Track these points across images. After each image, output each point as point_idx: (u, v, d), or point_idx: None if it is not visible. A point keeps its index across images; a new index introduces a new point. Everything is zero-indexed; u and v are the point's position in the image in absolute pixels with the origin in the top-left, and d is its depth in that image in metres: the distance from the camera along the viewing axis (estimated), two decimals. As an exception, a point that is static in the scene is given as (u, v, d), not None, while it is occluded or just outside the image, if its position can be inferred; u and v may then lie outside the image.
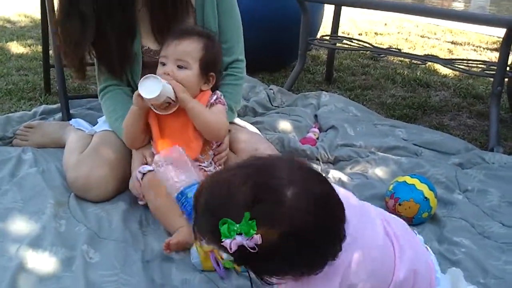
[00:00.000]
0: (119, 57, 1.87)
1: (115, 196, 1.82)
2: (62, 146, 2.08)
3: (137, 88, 1.75)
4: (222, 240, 0.92)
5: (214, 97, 1.77)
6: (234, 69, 2.00)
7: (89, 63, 1.96)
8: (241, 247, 0.91)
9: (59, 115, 2.45)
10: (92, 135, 1.98)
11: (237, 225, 0.91)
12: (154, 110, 1.68)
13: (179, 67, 1.70)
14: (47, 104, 2.72)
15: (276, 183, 0.94)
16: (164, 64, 1.71)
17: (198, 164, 1.74)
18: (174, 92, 1.65)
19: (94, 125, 2.11)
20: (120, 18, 1.81)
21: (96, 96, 2.04)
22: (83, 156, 1.85)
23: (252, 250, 0.91)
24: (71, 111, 2.47)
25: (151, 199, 1.67)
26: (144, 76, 1.61)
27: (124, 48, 1.86)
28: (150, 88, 1.59)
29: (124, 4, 1.81)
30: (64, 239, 1.59)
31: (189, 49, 1.71)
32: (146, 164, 1.74)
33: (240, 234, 0.91)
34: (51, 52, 2.66)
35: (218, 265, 1.44)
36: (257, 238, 0.91)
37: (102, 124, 1.99)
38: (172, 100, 1.66)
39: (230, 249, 0.92)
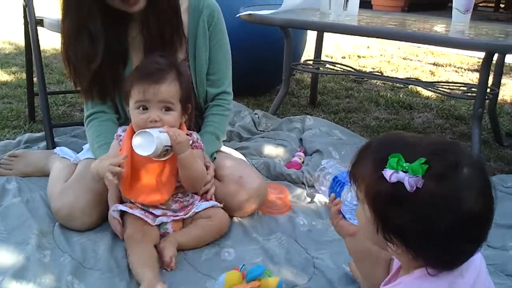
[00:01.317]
0: (111, 83, 1.88)
1: (101, 224, 1.81)
2: (46, 175, 2.07)
3: (125, 114, 1.76)
4: (384, 169, 0.91)
5: (190, 141, 1.74)
6: (221, 100, 2.01)
7: (75, 90, 1.96)
8: (396, 185, 0.90)
9: (44, 143, 2.44)
10: (77, 164, 1.98)
11: (408, 164, 0.90)
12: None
13: (166, 110, 1.68)
14: (31, 132, 2.71)
15: (458, 157, 0.93)
16: (145, 108, 1.67)
17: (164, 208, 1.74)
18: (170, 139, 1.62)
19: (79, 153, 2.10)
20: (114, 43, 1.82)
21: (82, 123, 2.04)
22: (67, 185, 1.84)
23: (408, 189, 0.89)
24: (55, 139, 2.46)
25: (127, 247, 1.67)
26: (136, 133, 1.60)
27: (116, 74, 1.87)
28: (145, 143, 1.57)
29: (119, 30, 1.82)
30: (49, 270, 1.57)
31: (171, 90, 1.68)
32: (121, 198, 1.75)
33: (405, 172, 0.90)
34: (35, 79, 2.66)
35: None
36: (420, 180, 0.89)
37: (86, 152, 1.99)
38: (169, 146, 1.63)
39: (388, 179, 0.90)
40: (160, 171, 1.69)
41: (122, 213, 1.73)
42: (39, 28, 2.51)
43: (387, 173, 0.91)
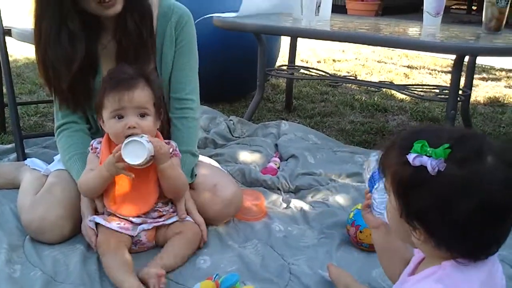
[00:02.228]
0: (82, 92, 1.84)
1: (72, 237, 1.77)
2: (17, 187, 2.02)
3: (96, 124, 1.73)
4: (408, 154, 0.93)
5: (171, 150, 1.74)
6: (186, 110, 1.94)
7: (47, 100, 1.92)
8: (419, 169, 0.91)
9: (14, 155, 2.40)
10: (48, 175, 1.94)
11: (432, 149, 0.91)
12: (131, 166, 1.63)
13: (141, 115, 1.67)
14: (2, 143, 2.66)
15: (483, 146, 0.94)
16: (121, 117, 1.66)
17: (144, 216, 1.72)
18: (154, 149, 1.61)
19: (50, 164, 2.06)
20: (87, 50, 1.78)
21: (53, 134, 2.00)
22: (37, 197, 1.80)
23: (430, 171, 0.90)
24: (26, 150, 2.42)
25: (101, 254, 1.65)
26: (125, 142, 1.58)
27: (86, 83, 1.84)
28: (134, 152, 1.56)
29: (91, 37, 1.79)
30: (19, 285, 1.54)
31: (145, 95, 1.68)
32: (96, 209, 1.73)
33: (429, 157, 0.91)
34: (4, 90, 2.61)
35: None
36: (442, 163, 0.90)
37: (57, 163, 1.95)
38: (152, 156, 1.62)
39: (412, 162, 0.92)
40: (144, 182, 1.68)
41: (96, 224, 1.71)
42: (7, 38, 2.48)
43: (411, 157, 0.93)
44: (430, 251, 0.99)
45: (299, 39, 3.50)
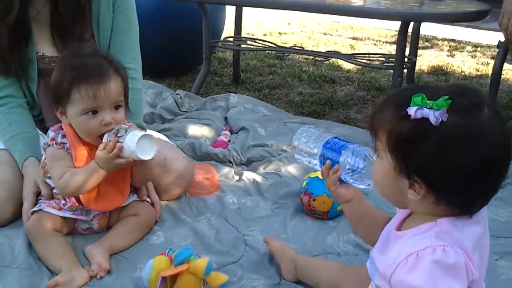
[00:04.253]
0: (15, 60, 1.73)
1: (16, 219, 1.68)
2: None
3: (32, 96, 1.65)
4: (408, 106, 0.92)
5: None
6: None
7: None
8: (420, 122, 0.91)
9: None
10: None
11: (432, 101, 0.90)
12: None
13: (115, 108, 1.54)
14: None
15: (480, 98, 0.94)
16: (95, 112, 1.50)
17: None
18: None
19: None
20: (13, 18, 1.67)
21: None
22: (-24, 180, 1.70)
23: (433, 122, 0.89)
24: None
25: (33, 239, 1.57)
26: (138, 138, 1.47)
27: (19, 51, 1.73)
28: (146, 148, 1.50)
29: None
30: (-40, 272, 1.46)
31: (118, 87, 1.53)
32: (39, 193, 1.63)
33: (430, 109, 0.90)
34: None
35: None
36: (444, 113, 0.89)
37: (-4, 143, 1.85)
38: None
39: (414, 115, 0.91)
40: (121, 175, 1.60)
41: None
42: None
43: (412, 110, 0.91)
44: (427, 208, 0.98)
45: (244, 11, 3.44)
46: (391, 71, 2.66)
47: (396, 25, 2.61)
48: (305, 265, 1.46)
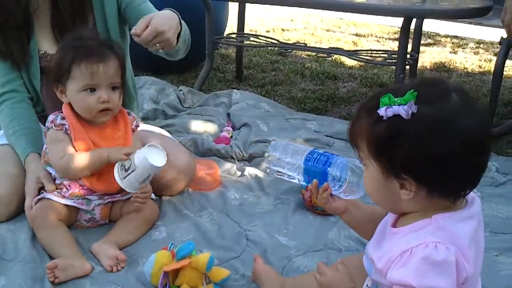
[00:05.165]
0: (19, 55, 1.76)
1: (19, 214, 1.70)
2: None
3: (35, 91, 1.73)
4: (378, 109, 0.93)
5: (134, 123, 1.71)
6: None
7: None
8: (392, 120, 0.92)
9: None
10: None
11: (399, 98, 0.92)
12: None
13: (112, 88, 1.59)
14: None
15: (445, 85, 0.96)
16: (93, 90, 1.57)
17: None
18: None
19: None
20: (14, 12, 1.69)
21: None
22: (-20, 175, 1.71)
23: (404, 116, 0.91)
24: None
25: (36, 228, 1.59)
26: (147, 147, 1.55)
27: (21, 46, 1.75)
28: (156, 156, 1.54)
29: None
30: (-35, 266, 1.47)
31: (116, 68, 1.59)
32: (41, 188, 1.65)
33: (399, 105, 0.92)
34: None
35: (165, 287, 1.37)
36: (413, 105, 0.91)
37: (0, 138, 1.86)
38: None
39: (384, 114, 0.92)
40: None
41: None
42: None
43: (382, 110, 0.93)
44: (421, 204, 0.98)
45: (247, 8, 3.44)
46: (394, 67, 2.66)
47: (398, 21, 2.62)
48: (295, 285, 1.40)
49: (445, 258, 0.91)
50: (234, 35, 3.44)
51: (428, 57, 4.29)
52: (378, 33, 5.22)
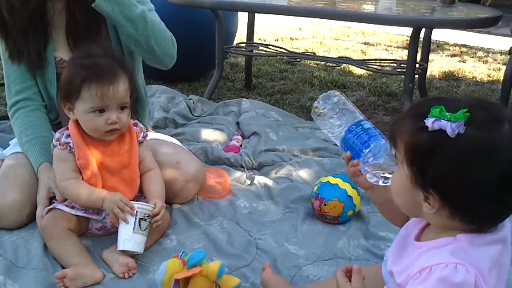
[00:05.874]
0: (35, 59, 1.78)
1: (31, 222, 1.72)
2: (-29, 173, 1.94)
3: (50, 98, 1.79)
4: (426, 119, 0.90)
5: (142, 134, 1.70)
6: None
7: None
8: (436, 134, 0.89)
9: (-34, 141, 2.30)
10: (3, 160, 1.87)
11: (450, 113, 0.89)
12: None
13: (121, 109, 1.59)
14: (-48, 129, 2.55)
15: (500, 112, 0.92)
16: (102, 111, 1.56)
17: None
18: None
19: (5, 148, 1.99)
20: (31, 17, 1.72)
21: (7, 117, 1.92)
22: (-6, 183, 1.73)
23: (449, 134, 0.88)
24: (-21, 136, 2.32)
25: (47, 238, 1.61)
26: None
27: (38, 50, 1.77)
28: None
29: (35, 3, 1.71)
30: (-22, 273, 1.49)
31: (126, 88, 1.58)
32: (53, 198, 1.67)
33: (448, 121, 0.89)
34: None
35: None
36: (462, 125, 0.88)
37: (14, 146, 1.88)
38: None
39: (431, 126, 0.90)
40: (127, 169, 1.64)
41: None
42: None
43: (429, 121, 0.90)
44: (442, 221, 0.96)
45: (256, 17, 3.47)
46: (403, 76, 2.67)
47: (407, 30, 2.62)
48: None
49: (464, 280, 0.89)
50: (243, 44, 3.46)
51: (437, 66, 4.29)
52: (386, 42, 5.23)
